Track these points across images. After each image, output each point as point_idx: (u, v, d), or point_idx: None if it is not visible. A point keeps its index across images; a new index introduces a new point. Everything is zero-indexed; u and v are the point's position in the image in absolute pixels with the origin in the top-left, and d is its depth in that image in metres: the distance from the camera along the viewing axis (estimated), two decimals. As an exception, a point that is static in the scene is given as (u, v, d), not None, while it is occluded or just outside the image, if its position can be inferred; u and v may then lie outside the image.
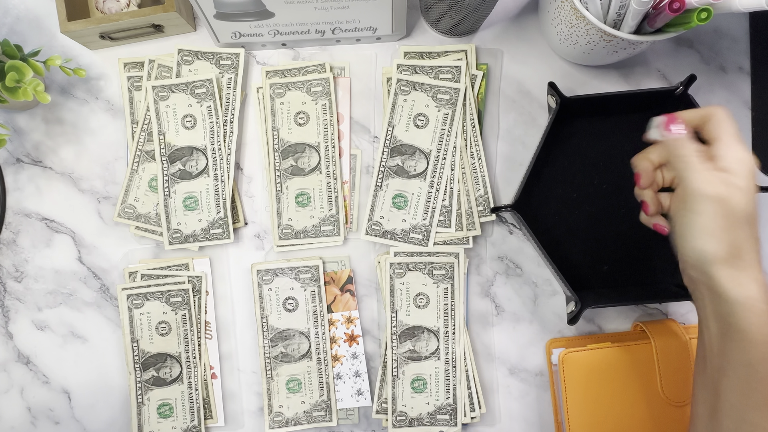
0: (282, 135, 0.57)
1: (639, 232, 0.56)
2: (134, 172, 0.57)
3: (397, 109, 0.56)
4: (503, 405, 0.56)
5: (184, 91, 0.56)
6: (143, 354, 0.56)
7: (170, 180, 0.56)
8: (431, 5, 0.54)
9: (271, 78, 0.58)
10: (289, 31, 0.56)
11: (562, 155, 0.57)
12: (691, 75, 0.52)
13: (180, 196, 0.56)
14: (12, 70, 0.50)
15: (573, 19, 0.50)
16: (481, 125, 0.58)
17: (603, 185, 0.57)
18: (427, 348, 0.55)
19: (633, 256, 0.56)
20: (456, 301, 0.55)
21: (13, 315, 0.58)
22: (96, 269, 0.58)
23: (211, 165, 0.56)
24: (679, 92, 0.52)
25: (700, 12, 0.43)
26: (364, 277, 0.57)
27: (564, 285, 0.51)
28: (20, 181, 0.59)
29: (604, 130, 0.57)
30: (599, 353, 0.52)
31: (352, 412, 0.56)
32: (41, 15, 0.60)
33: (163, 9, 0.54)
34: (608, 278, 0.56)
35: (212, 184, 0.56)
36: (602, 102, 0.54)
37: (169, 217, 0.56)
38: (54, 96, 0.59)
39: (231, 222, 0.56)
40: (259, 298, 0.56)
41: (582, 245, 0.56)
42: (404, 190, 0.56)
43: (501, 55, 0.59)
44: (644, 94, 0.53)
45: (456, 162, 0.56)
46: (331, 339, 0.56)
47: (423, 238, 0.55)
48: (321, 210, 0.56)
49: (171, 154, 0.56)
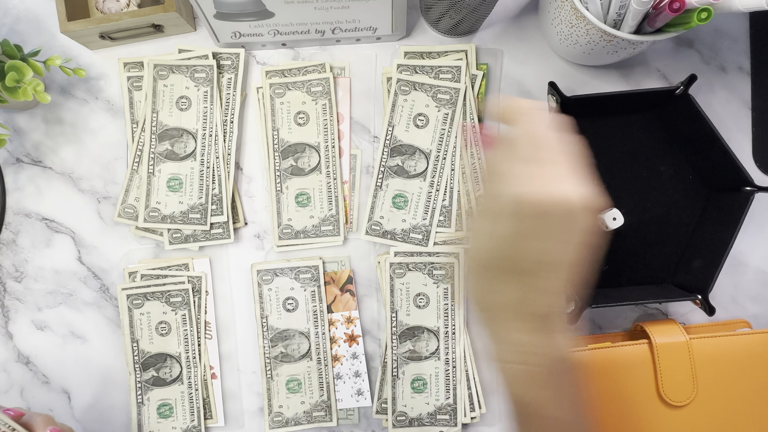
0: (282, 135, 0.57)
1: (639, 232, 0.56)
2: (134, 172, 0.57)
3: (397, 109, 0.56)
4: (503, 405, 0.56)
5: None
6: (143, 354, 0.56)
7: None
8: (431, 5, 0.54)
9: (271, 78, 0.58)
10: (289, 31, 0.56)
11: None
12: (692, 75, 0.52)
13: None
14: (12, 70, 0.50)
15: (573, 19, 0.50)
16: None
17: (603, 185, 0.57)
18: (427, 348, 0.55)
19: (633, 257, 0.56)
20: (456, 302, 0.55)
21: (13, 315, 0.58)
22: (96, 269, 0.58)
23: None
24: (680, 92, 0.52)
25: (700, 12, 0.43)
26: (364, 277, 0.57)
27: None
28: (20, 181, 0.59)
29: (604, 130, 0.57)
30: (599, 353, 0.52)
31: (352, 412, 0.56)
32: (41, 15, 0.60)
33: (163, 9, 0.54)
34: (608, 278, 0.56)
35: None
36: (602, 102, 0.54)
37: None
38: (54, 96, 0.59)
39: (231, 222, 0.56)
40: (259, 298, 0.56)
41: None
42: (404, 190, 0.56)
43: (501, 55, 0.59)
44: (644, 94, 0.53)
45: (456, 162, 0.56)
46: (331, 339, 0.56)
47: (423, 238, 0.55)
48: (321, 210, 0.56)
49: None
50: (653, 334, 0.51)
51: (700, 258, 0.54)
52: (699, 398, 0.51)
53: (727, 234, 0.51)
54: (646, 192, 0.57)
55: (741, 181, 0.52)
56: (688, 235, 0.56)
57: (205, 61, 0.57)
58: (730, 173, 0.53)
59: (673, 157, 0.57)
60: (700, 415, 0.51)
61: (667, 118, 0.56)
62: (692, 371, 0.50)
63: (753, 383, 0.51)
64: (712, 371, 0.51)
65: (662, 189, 0.57)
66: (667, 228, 0.56)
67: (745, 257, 0.57)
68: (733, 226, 0.51)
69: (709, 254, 0.53)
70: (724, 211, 0.54)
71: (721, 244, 0.52)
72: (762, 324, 0.57)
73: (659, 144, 0.57)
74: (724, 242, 0.51)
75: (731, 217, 0.52)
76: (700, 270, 0.53)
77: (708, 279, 0.51)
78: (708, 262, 0.52)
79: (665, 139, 0.57)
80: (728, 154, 0.52)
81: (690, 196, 0.57)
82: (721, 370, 0.51)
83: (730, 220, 0.52)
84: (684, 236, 0.56)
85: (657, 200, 0.56)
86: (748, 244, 0.57)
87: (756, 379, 0.51)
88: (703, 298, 0.51)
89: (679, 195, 0.57)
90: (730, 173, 0.53)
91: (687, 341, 0.51)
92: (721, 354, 0.51)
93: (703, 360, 0.51)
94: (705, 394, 0.51)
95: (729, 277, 0.57)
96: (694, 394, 0.50)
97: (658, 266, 0.56)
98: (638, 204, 0.57)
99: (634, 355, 0.51)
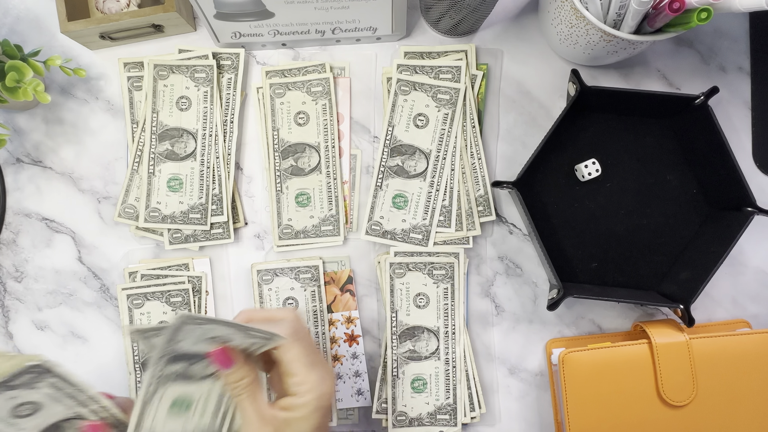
0: (282, 135, 0.57)
1: (634, 236, 0.56)
2: (134, 172, 0.57)
3: (397, 109, 0.56)
4: (503, 405, 0.56)
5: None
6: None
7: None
8: (431, 5, 0.54)
9: (271, 78, 0.58)
10: (289, 31, 0.56)
11: (571, 146, 0.57)
12: (713, 87, 0.52)
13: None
14: (12, 70, 0.50)
15: (573, 19, 0.50)
16: (481, 125, 0.58)
17: (607, 183, 0.57)
18: (427, 348, 0.55)
19: (623, 259, 0.56)
20: (456, 301, 0.55)
21: (13, 315, 0.58)
22: (96, 269, 0.58)
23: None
24: (699, 102, 0.52)
25: (700, 12, 0.43)
26: (364, 277, 0.57)
27: (550, 269, 0.51)
28: (20, 181, 0.59)
29: (617, 128, 0.57)
30: (599, 353, 0.52)
31: (352, 412, 0.56)
32: (41, 15, 0.60)
33: (163, 9, 0.54)
34: (595, 275, 0.56)
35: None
36: (620, 99, 0.54)
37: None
38: (54, 96, 0.59)
39: (231, 222, 0.56)
40: (259, 298, 0.56)
41: (576, 239, 0.56)
42: (404, 190, 0.56)
43: (501, 55, 0.59)
44: (662, 99, 0.53)
45: (456, 162, 0.56)
46: (331, 339, 0.56)
47: (423, 238, 0.55)
48: (321, 210, 0.56)
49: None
50: (653, 334, 0.52)
51: (689, 270, 0.54)
52: (699, 398, 0.51)
53: (720, 250, 0.51)
54: (649, 198, 0.56)
55: (743, 200, 0.52)
56: (681, 247, 0.56)
57: (205, 61, 0.57)
58: (734, 191, 0.52)
59: (680, 168, 0.57)
60: (700, 415, 0.51)
61: (681, 128, 0.56)
62: (692, 371, 0.50)
63: (753, 383, 0.51)
64: (712, 371, 0.51)
65: (665, 198, 0.56)
66: (663, 237, 0.56)
67: (745, 257, 0.57)
68: (727, 243, 0.51)
69: (698, 268, 0.52)
70: (722, 228, 0.53)
71: (712, 260, 0.51)
72: (762, 324, 0.57)
73: (669, 153, 0.57)
74: (716, 258, 0.51)
75: (727, 234, 0.52)
76: (686, 282, 0.53)
77: (693, 291, 0.51)
78: (695, 276, 0.52)
79: (676, 149, 0.57)
80: (736, 171, 0.52)
81: (691, 210, 0.56)
82: (721, 370, 0.51)
83: (726, 237, 0.51)
84: (677, 248, 0.56)
85: (657, 208, 0.56)
86: (749, 244, 0.57)
87: (756, 379, 0.51)
88: (684, 308, 0.51)
89: (681, 207, 0.56)
90: (734, 191, 0.52)
91: (687, 341, 0.51)
92: (721, 354, 0.51)
93: (703, 360, 0.51)
94: (705, 394, 0.51)
95: (729, 277, 0.57)
96: (694, 394, 0.50)
97: (646, 273, 0.56)
98: (638, 208, 0.57)
99: (634, 355, 0.52)
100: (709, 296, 0.57)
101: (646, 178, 0.57)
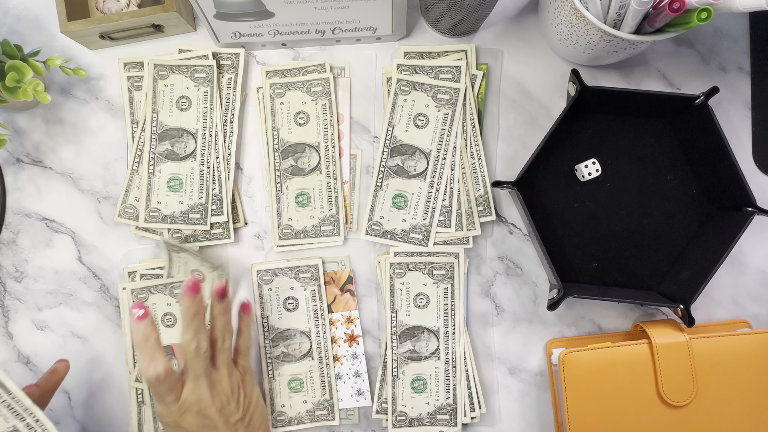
0: (282, 135, 0.57)
1: (634, 236, 0.56)
2: (134, 172, 0.57)
3: (397, 109, 0.56)
4: (503, 405, 0.56)
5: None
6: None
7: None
8: (431, 5, 0.54)
9: (271, 78, 0.58)
10: (289, 31, 0.56)
11: (571, 146, 0.57)
12: (714, 87, 0.52)
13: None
14: (12, 70, 0.50)
15: (573, 19, 0.50)
16: (481, 125, 0.58)
17: (607, 184, 0.57)
18: (427, 348, 0.55)
19: (623, 259, 0.56)
20: (456, 301, 0.55)
21: (13, 315, 0.58)
22: (96, 269, 0.58)
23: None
24: (699, 102, 0.52)
25: (700, 12, 0.43)
26: (364, 277, 0.57)
27: (550, 269, 0.51)
28: (20, 181, 0.59)
29: (617, 129, 0.57)
30: (599, 353, 0.52)
31: (352, 412, 0.56)
32: (41, 15, 0.60)
33: (163, 9, 0.54)
34: (596, 275, 0.56)
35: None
36: (620, 99, 0.54)
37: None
38: (54, 96, 0.59)
39: (231, 222, 0.56)
40: (259, 298, 0.56)
41: (576, 239, 0.56)
42: (404, 190, 0.56)
43: (501, 55, 0.59)
44: (662, 99, 0.53)
45: (456, 162, 0.56)
46: (332, 339, 0.56)
47: (423, 238, 0.55)
48: (321, 210, 0.56)
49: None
50: (653, 334, 0.52)
51: (689, 270, 0.54)
52: (699, 398, 0.51)
53: (720, 250, 0.51)
54: (649, 198, 0.56)
55: (743, 200, 0.52)
56: (681, 247, 0.56)
57: (205, 61, 0.57)
58: (734, 191, 0.52)
59: (680, 168, 0.57)
60: (700, 415, 0.51)
61: (681, 128, 0.56)
62: (692, 371, 0.50)
63: (753, 383, 0.51)
64: (712, 371, 0.51)
65: (665, 198, 0.56)
66: (663, 237, 0.56)
67: (745, 257, 0.57)
68: (727, 243, 0.51)
69: (699, 268, 0.52)
70: (722, 228, 0.53)
71: (712, 260, 0.51)
72: (762, 324, 0.57)
73: (669, 153, 0.57)
74: (716, 258, 0.51)
75: (727, 234, 0.52)
76: (687, 282, 0.53)
77: (693, 291, 0.51)
78: (696, 276, 0.52)
79: (676, 149, 0.57)
80: (736, 171, 0.51)
81: (691, 210, 0.56)
82: (721, 370, 0.51)
83: (726, 237, 0.51)
84: (677, 248, 0.56)
85: (658, 208, 0.56)
86: (749, 244, 0.57)
87: (756, 379, 0.51)
88: (684, 309, 0.51)
89: (681, 207, 0.56)
90: (734, 191, 0.52)
91: (687, 341, 0.51)
92: (721, 354, 0.51)
93: (703, 360, 0.51)
94: (705, 394, 0.51)
95: (729, 277, 0.57)
96: (694, 394, 0.50)
97: (646, 273, 0.56)
98: (638, 208, 0.57)
99: (634, 355, 0.52)
100: (709, 296, 0.57)
101: (646, 178, 0.57)
